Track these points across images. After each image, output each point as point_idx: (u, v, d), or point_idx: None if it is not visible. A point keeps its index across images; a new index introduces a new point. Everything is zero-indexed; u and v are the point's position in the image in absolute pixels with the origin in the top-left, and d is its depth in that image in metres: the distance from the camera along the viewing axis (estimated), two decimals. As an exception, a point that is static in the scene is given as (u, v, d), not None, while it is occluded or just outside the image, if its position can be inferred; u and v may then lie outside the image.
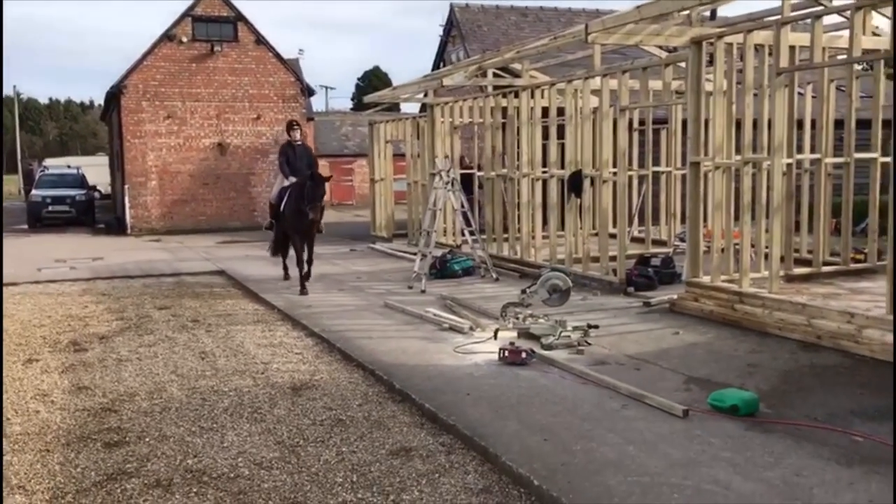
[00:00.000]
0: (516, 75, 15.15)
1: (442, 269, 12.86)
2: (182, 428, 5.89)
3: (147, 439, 5.66)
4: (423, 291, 11.43)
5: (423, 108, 25.01)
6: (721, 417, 5.66)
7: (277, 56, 25.94)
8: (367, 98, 19.80)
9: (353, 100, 64.71)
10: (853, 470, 4.70)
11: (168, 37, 24.50)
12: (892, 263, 7.21)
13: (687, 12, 9.78)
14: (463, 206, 13.12)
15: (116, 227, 25.16)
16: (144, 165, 24.54)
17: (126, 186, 24.59)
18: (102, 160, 44.81)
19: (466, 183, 15.50)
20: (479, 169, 16.12)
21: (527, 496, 4.59)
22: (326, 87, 37.34)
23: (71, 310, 10.99)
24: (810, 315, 7.83)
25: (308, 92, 27.12)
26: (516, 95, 13.16)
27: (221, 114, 25.21)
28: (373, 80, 64.64)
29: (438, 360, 7.48)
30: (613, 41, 9.35)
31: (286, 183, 12.35)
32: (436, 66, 27.55)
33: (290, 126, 12.76)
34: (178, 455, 5.34)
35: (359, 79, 65.76)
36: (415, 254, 15.40)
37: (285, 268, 13.18)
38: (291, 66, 27.03)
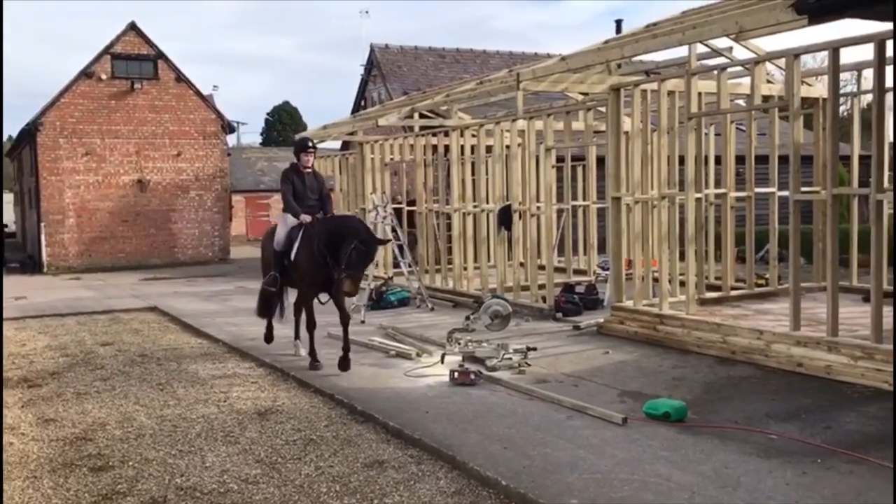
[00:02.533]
0: (443, 115, 15.93)
1: (378, 301, 13.37)
2: (161, 452, 6.22)
3: (130, 463, 5.97)
4: (362, 322, 11.91)
5: (345, 145, 25.68)
6: (655, 423, 6.40)
7: (198, 93, 26.09)
8: (298, 136, 20.18)
9: (262, 135, 64.47)
10: (771, 461, 5.48)
11: (86, 74, 24.35)
12: (794, 287, 8.18)
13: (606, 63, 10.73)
14: (398, 240, 13.70)
15: (31, 265, 24.58)
16: (62, 203, 24.17)
17: (42, 224, 24.13)
18: (7, 197, 43.38)
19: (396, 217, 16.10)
20: (409, 204, 16.76)
21: (496, 495, 5.16)
22: (238, 123, 37.25)
23: (10, 348, 10.98)
24: (725, 333, 8.74)
25: (229, 128, 27.28)
26: (446, 134, 13.93)
27: (141, 150, 25.12)
28: (282, 115, 64.65)
29: (393, 384, 8.00)
30: (542, 88, 10.20)
31: (293, 222, 9.20)
32: (357, 104, 28.19)
33: (303, 148, 9.38)
34: (165, 475, 5.69)
35: (268, 114, 65.59)
36: (347, 287, 15.89)
37: (270, 327, 10.27)
38: (212, 103, 27.18)
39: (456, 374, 7.89)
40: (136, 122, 25.02)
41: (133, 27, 25.04)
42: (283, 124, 63.55)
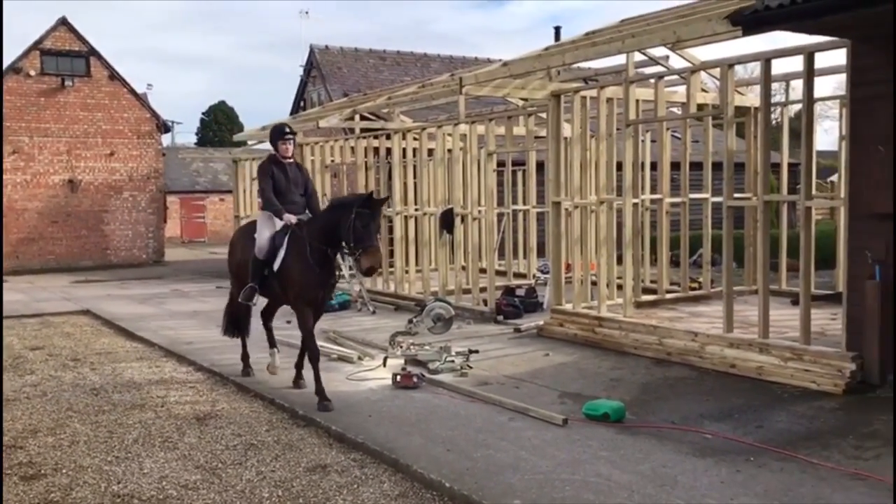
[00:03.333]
0: (384, 118, 15.92)
1: (318, 304, 13.25)
2: (97, 459, 6.07)
3: (64, 471, 5.81)
4: (302, 325, 11.79)
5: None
6: (595, 424, 6.52)
7: (132, 91, 25.47)
8: (236, 137, 19.98)
9: (198, 135, 63.21)
10: (706, 460, 5.64)
11: (14, 69, 23.53)
12: (726, 290, 8.43)
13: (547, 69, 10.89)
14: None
15: (-47, 267, 23.62)
16: (-14, 203, 23.29)
17: (-35, 224, 23.20)
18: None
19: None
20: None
21: (439, 497, 5.19)
22: (173, 122, 36.38)
23: (-68, 353, 10.55)
24: (661, 335, 8.94)
25: (164, 128, 26.73)
26: (388, 137, 13.92)
27: (72, 150, 24.39)
28: (218, 115, 63.50)
29: (334, 388, 7.94)
30: (484, 93, 10.30)
31: (278, 224, 7.83)
32: (296, 106, 27.94)
33: (280, 135, 7.99)
34: (101, 483, 5.55)
35: (204, 113, 64.30)
36: (287, 290, 15.72)
37: (245, 350, 8.82)
38: (147, 102, 26.59)
39: (398, 377, 7.90)
40: (67, 121, 24.28)
41: (64, 22, 24.30)
42: (219, 124, 62.39)
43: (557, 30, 29.49)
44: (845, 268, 7.74)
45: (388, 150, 14.05)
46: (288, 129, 8.18)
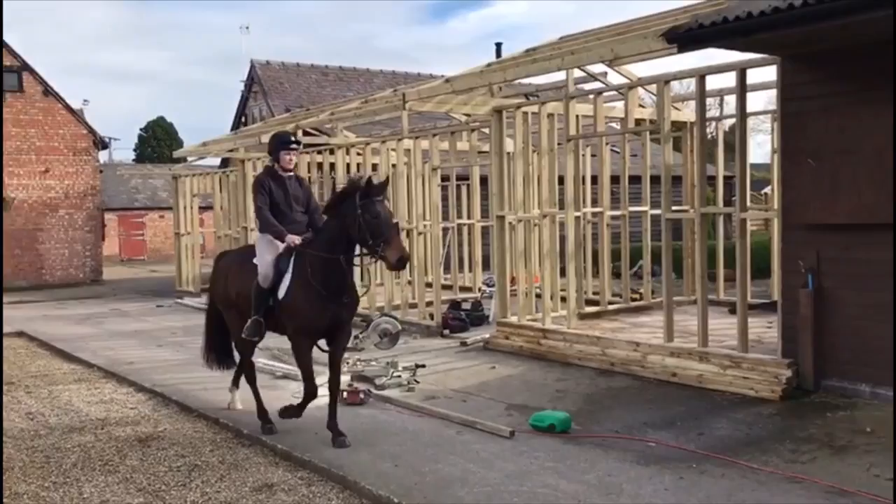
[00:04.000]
0: (327, 133, 15.88)
1: (262, 321, 13.09)
2: (33, 485, 5.89)
3: (-1, 498, 5.63)
4: (246, 343, 11.63)
5: (224, 162, 25.13)
6: (541, 435, 6.59)
7: (67, 107, 24.86)
8: (177, 153, 19.67)
9: (136, 151, 62.01)
10: (650, 468, 5.75)
11: (-58, 84, 22.79)
12: (666, 300, 8.62)
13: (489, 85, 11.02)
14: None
15: None
16: (-87, 222, 22.44)
17: None
18: None
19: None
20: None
21: (388, 513, 5.19)
22: (110, 138, 35.41)
23: None
24: (604, 346, 9.09)
25: (101, 144, 26.16)
26: (332, 152, 13.89)
27: (5, 167, 23.67)
28: (157, 130, 62.45)
29: (280, 406, 7.85)
30: (427, 109, 10.36)
31: (280, 247, 6.83)
32: (237, 121, 27.67)
33: (283, 144, 7.03)
34: (38, 510, 5.39)
35: (142, 129, 63.16)
36: (230, 307, 15.49)
37: (264, 413, 7.22)
38: (83, 118, 25.99)
39: (345, 393, 7.84)
40: (-1, 137, 23.58)
41: (-5, 36, 23.66)
42: (157, 140, 61.36)
43: (499, 46, 29.81)
44: (780, 277, 7.99)
45: (332, 165, 14.01)
46: (293, 139, 7.21)
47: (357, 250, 6.63)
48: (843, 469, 5.59)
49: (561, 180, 10.44)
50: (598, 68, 10.89)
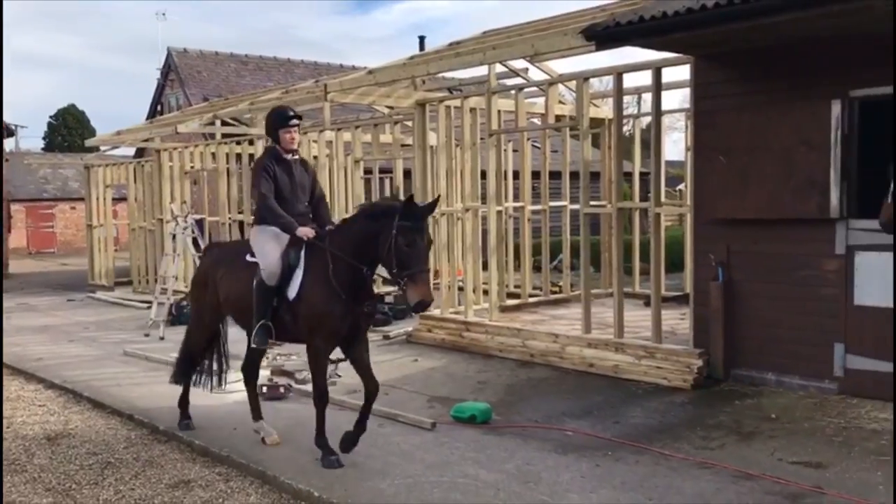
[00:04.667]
0: (247, 123, 15.59)
1: (178, 316, 12.77)
2: (-67, 487, 5.63)
3: None
4: (161, 338, 11.35)
5: (139, 152, 24.39)
6: (462, 426, 6.65)
7: (-30, 92, 23.72)
8: (89, 142, 18.97)
9: (45, 140, 59.53)
10: (568, 457, 5.87)
11: None
12: (584, 293, 8.81)
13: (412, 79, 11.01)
14: (200, 252, 13.22)
15: None
16: None
17: None
18: None
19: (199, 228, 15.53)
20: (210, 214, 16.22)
21: (309, 507, 5.16)
22: (17, 126, 33.65)
23: None
24: (524, 338, 9.22)
25: (7, 132, 25.04)
26: (251, 143, 13.65)
27: None
28: (68, 118, 60.09)
29: (197, 401, 7.69)
30: (349, 100, 10.29)
31: (283, 240, 6.04)
32: (153, 110, 26.90)
33: (283, 121, 6.17)
34: (-62, 512, 5.16)
35: (52, 117, 60.66)
36: (143, 302, 15.12)
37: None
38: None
39: (264, 388, 7.74)
40: None
41: None
42: (68, 128, 59.01)
43: (422, 39, 29.81)
44: (692, 270, 8.26)
45: (252, 157, 13.77)
46: (292, 113, 6.29)
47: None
48: (750, 454, 5.83)
49: (483, 175, 10.55)
50: (520, 64, 11.03)
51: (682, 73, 8.46)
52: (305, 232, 5.93)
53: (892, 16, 5.82)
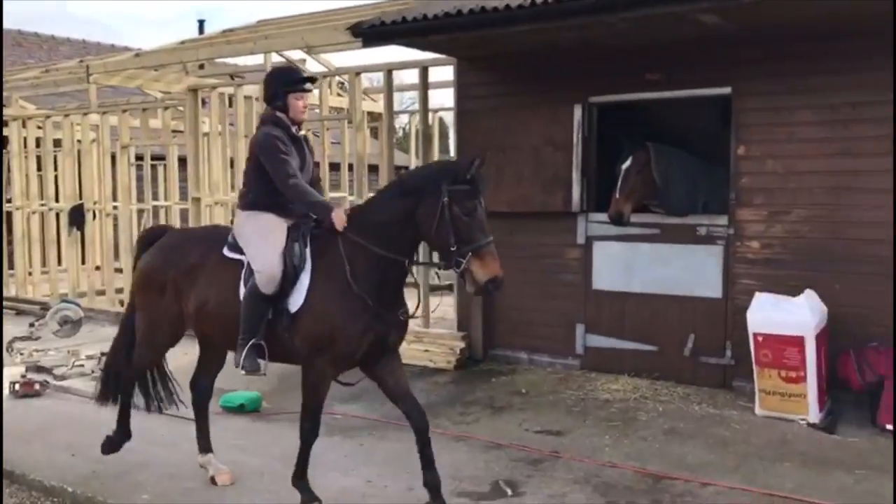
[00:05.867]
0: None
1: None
2: None
3: None
4: None
5: None
6: (232, 416, 6.72)
7: None
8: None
9: None
10: (333, 438, 6.13)
11: None
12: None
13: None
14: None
15: None
16: None
17: None
18: None
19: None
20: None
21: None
22: None
23: None
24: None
25: None
26: (6, 125, 12.62)
27: None
28: None
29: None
30: (115, 83, 9.85)
31: (284, 231, 4.84)
32: None
33: (288, 82, 4.93)
34: None
35: None
36: None
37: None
38: None
39: (17, 385, 7.33)
40: None
41: None
42: None
43: (201, 23, 28.69)
44: (457, 259, 8.77)
45: (6, 139, 12.74)
46: (305, 75, 5.18)
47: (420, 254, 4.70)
48: (501, 426, 6.38)
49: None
50: (297, 55, 11.06)
51: (449, 73, 8.96)
52: (342, 219, 4.60)
53: (624, 31, 6.59)
